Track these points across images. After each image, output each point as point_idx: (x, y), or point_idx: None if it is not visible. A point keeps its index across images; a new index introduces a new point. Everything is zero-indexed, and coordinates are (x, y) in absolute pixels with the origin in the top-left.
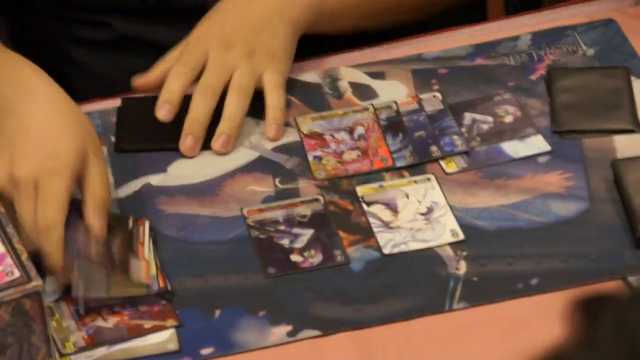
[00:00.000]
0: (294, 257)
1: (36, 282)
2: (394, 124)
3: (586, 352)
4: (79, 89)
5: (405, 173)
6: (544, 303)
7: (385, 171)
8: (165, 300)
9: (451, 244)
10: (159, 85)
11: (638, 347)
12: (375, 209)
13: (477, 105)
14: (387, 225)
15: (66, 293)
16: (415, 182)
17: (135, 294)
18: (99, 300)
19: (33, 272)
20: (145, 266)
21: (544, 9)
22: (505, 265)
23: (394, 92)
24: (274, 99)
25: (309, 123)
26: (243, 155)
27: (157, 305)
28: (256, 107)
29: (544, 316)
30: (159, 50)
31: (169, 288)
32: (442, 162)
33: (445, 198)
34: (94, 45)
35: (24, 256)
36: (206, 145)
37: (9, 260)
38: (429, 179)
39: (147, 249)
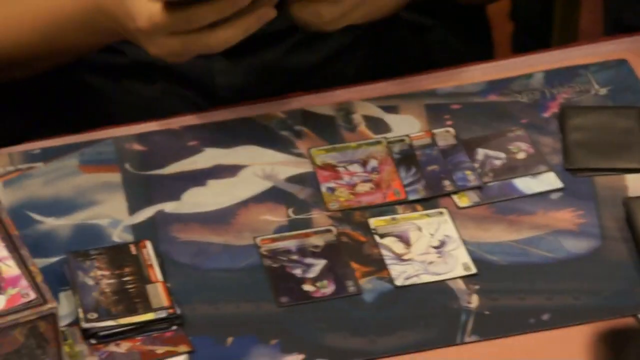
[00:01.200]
0: (307, 287)
1: (52, 305)
2: (407, 158)
3: None
4: (91, 114)
5: (418, 207)
6: (556, 339)
7: (398, 204)
8: (176, 326)
9: (463, 278)
10: None
11: None
12: (388, 241)
13: (490, 141)
14: (399, 257)
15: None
16: (428, 215)
17: (144, 319)
18: (108, 329)
19: (49, 294)
20: (162, 287)
21: (555, 48)
22: (517, 300)
23: (407, 126)
24: None
25: (322, 155)
26: (256, 185)
27: (170, 331)
28: (268, 136)
29: (556, 351)
30: (171, 76)
31: (178, 312)
32: (454, 197)
33: (458, 232)
34: (107, 71)
35: (39, 278)
36: None
37: (24, 282)
38: (441, 213)
39: (157, 270)
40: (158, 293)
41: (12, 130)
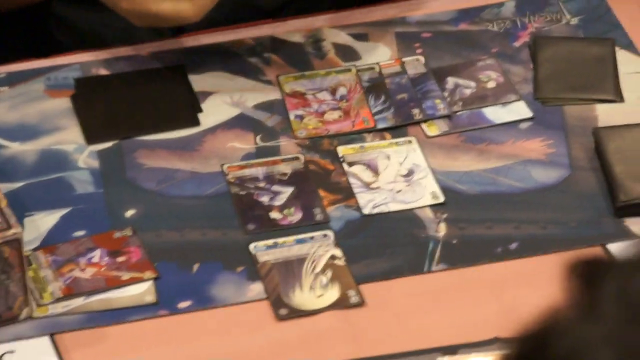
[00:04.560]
0: (274, 215)
1: (16, 230)
2: (376, 86)
3: (587, 320)
4: (59, 41)
5: (387, 135)
6: (523, 268)
7: (366, 132)
8: (143, 253)
9: (431, 207)
10: None
11: None
12: (356, 169)
13: (460, 70)
14: (367, 185)
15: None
16: (397, 144)
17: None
18: None
19: (13, 219)
20: None
21: None
22: (484, 229)
23: (377, 54)
24: None
25: (291, 82)
26: (224, 112)
27: (135, 257)
28: (237, 63)
29: (523, 280)
30: None
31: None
32: (423, 125)
33: (427, 160)
34: (77, 1)
35: (3, 203)
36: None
37: None
38: (410, 141)
39: None
40: None
41: None
